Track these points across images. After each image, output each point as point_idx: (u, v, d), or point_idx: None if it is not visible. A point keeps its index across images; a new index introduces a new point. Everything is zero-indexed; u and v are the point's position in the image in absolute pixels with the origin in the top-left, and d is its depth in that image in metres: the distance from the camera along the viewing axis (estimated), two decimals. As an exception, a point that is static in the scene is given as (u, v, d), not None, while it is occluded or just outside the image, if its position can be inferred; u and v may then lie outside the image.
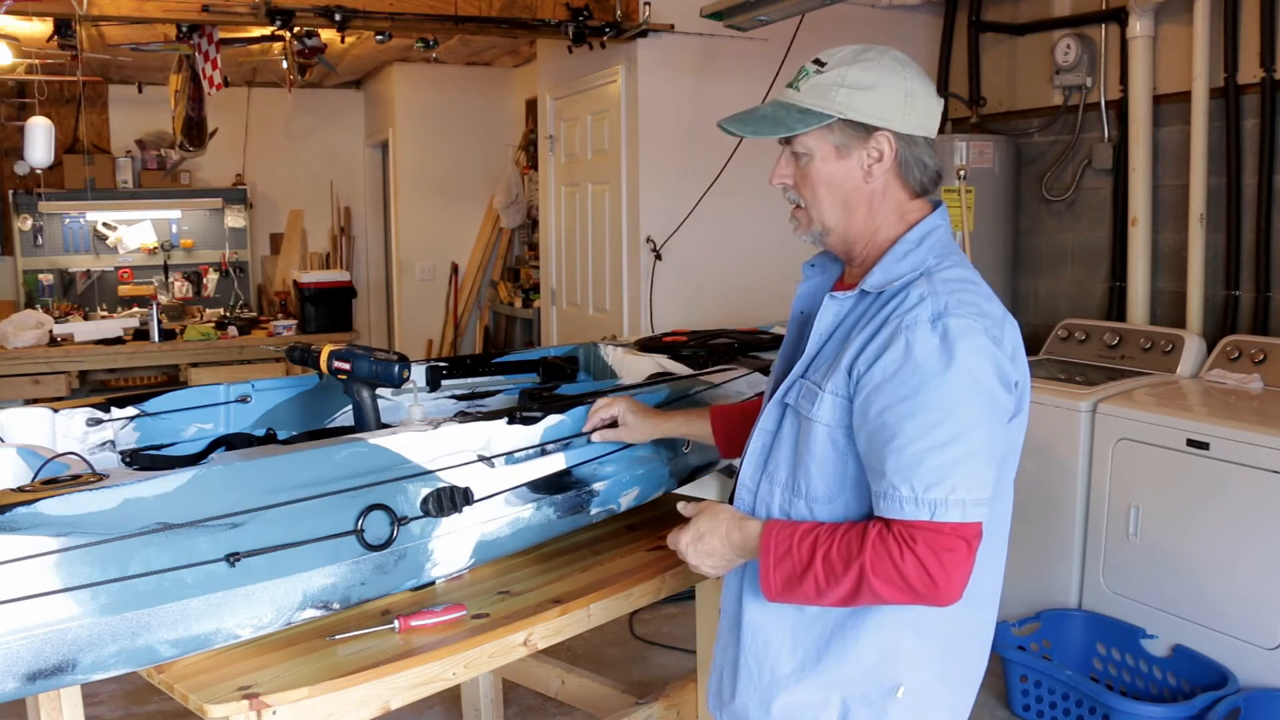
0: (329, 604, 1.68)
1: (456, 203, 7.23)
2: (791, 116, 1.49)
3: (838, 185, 1.51)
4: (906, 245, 1.50)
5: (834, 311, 1.52)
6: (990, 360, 1.39)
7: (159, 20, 3.98)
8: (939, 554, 1.36)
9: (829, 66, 1.49)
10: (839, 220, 1.53)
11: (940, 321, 1.38)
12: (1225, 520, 2.96)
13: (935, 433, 1.36)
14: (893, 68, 1.49)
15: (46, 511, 1.41)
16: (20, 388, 5.35)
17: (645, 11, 4.20)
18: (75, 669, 1.44)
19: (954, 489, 1.36)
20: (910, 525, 1.37)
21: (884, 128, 1.48)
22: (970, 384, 1.37)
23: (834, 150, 1.50)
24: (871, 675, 1.49)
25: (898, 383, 1.38)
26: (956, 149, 4.42)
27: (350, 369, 2.10)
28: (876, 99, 1.47)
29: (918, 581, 1.36)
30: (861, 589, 1.39)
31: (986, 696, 3.31)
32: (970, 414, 1.37)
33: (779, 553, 1.45)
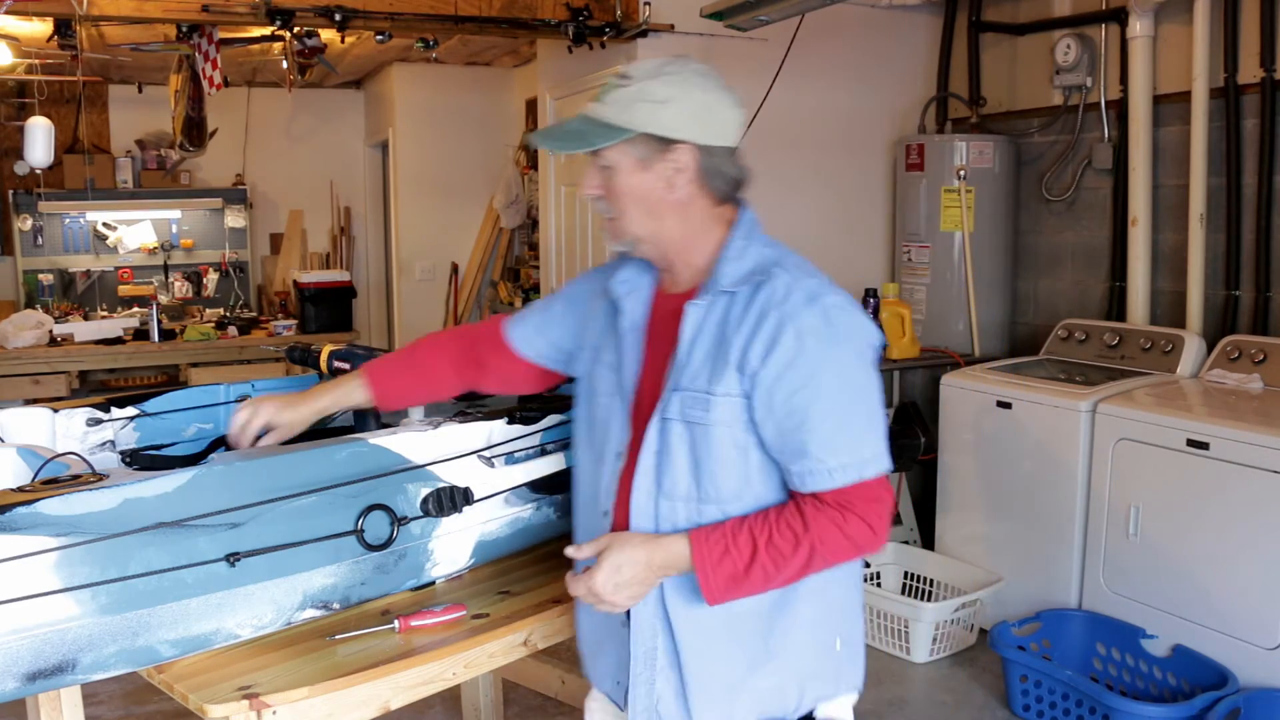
0: (329, 604, 1.68)
1: (456, 203, 7.23)
2: (595, 131, 1.54)
3: (642, 197, 1.56)
4: (739, 242, 1.58)
5: (695, 318, 1.55)
6: (864, 326, 1.53)
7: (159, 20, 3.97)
8: (872, 507, 1.48)
9: (631, 80, 1.53)
10: (649, 230, 1.58)
11: (816, 303, 1.49)
12: (1225, 520, 2.96)
13: (842, 405, 1.48)
14: (692, 81, 1.53)
15: (46, 511, 1.41)
16: (20, 388, 5.35)
17: (645, 11, 4.20)
18: (75, 669, 1.44)
19: (868, 446, 1.49)
20: (842, 492, 1.47)
21: (683, 140, 1.53)
22: (857, 353, 1.50)
23: (637, 163, 1.54)
24: (814, 641, 1.59)
25: (796, 370, 1.47)
26: (956, 149, 4.42)
27: (350, 369, 2.10)
28: (675, 112, 1.51)
29: (862, 538, 1.49)
30: (811, 562, 1.49)
31: (986, 697, 3.32)
32: (863, 378, 1.51)
33: (716, 555, 1.48)
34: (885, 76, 4.82)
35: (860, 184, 4.84)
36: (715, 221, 1.60)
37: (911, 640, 3.52)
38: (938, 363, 4.28)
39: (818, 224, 4.68)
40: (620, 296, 1.67)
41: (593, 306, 1.76)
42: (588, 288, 1.81)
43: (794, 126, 4.55)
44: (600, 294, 1.74)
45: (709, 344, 1.52)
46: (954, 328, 4.50)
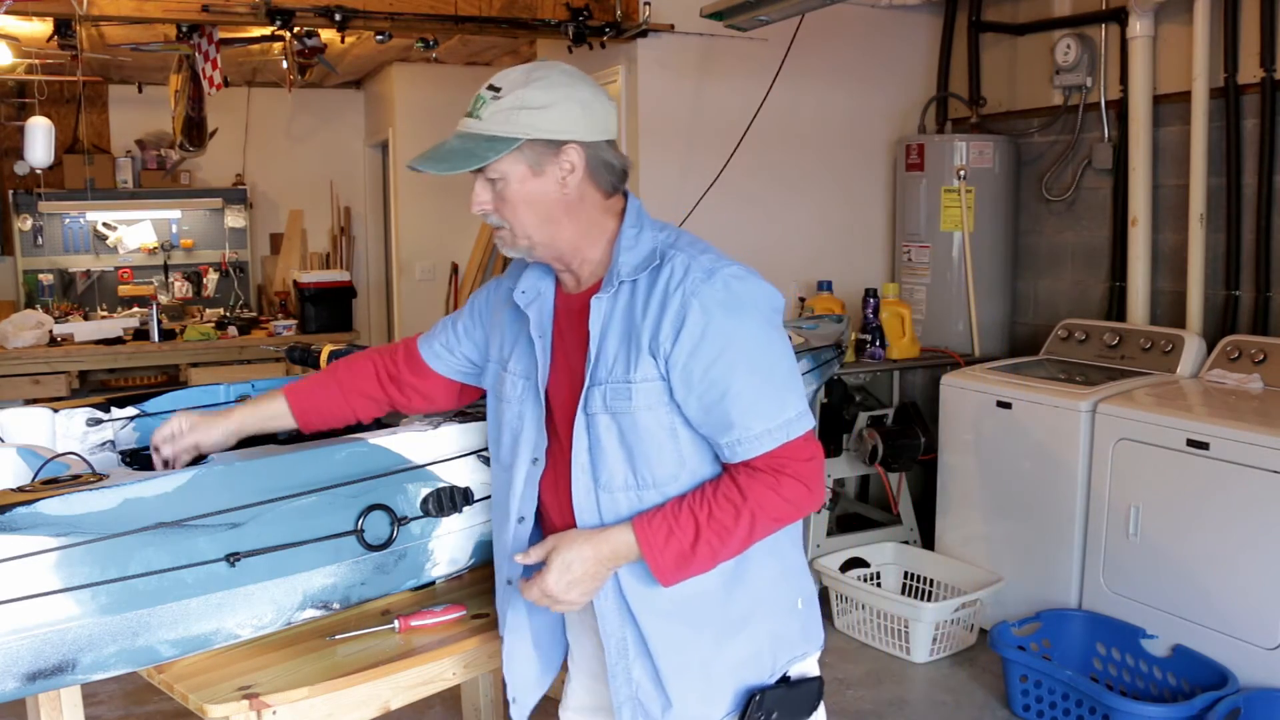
0: (329, 604, 1.68)
1: (456, 203, 7.21)
2: (481, 146, 1.53)
3: (537, 202, 1.57)
4: (631, 230, 1.61)
5: (601, 311, 1.58)
6: (766, 292, 1.56)
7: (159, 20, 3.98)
8: (805, 465, 1.52)
9: (504, 91, 1.54)
10: (545, 234, 1.59)
11: (716, 276, 1.52)
12: (1225, 520, 2.96)
13: (759, 371, 1.52)
14: (565, 82, 1.56)
15: (46, 511, 1.41)
16: (20, 388, 5.35)
17: (645, 11, 4.20)
18: (75, 669, 1.44)
19: (790, 407, 1.52)
20: (773, 456, 1.51)
21: (570, 140, 1.55)
22: (764, 317, 1.54)
23: (528, 170, 1.55)
24: (776, 603, 1.64)
25: (708, 343, 1.50)
26: (956, 149, 4.42)
27: (350, 369, 2.10)
28: (558, 115, 1.54)
29: (799, 498, 1.53)
30: (754, 530, 1.52)
31: (986, 697, 3.32)
32: (774, 342, 1.55)
33: (661, 538, 1.51)
34: (885, 76, 4.82)
35: (860, 184, 4.84)
36: (606, 215, 1.62)
37: (911, 640, 3.52)
38: (938, 363, 4.28)
39: (818, 224, 4.68)
40: (524, 305, 1.69)
41: (496, 317, 1.78)
42: (490, 298, 1.83)
43: (794, 126, 4.55)
44: (504, 304, 1.75)
45: (619, 334, 1.55)
46: (954, 328, 4.50)
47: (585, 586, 1.54)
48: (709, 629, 1.59)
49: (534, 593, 1.55)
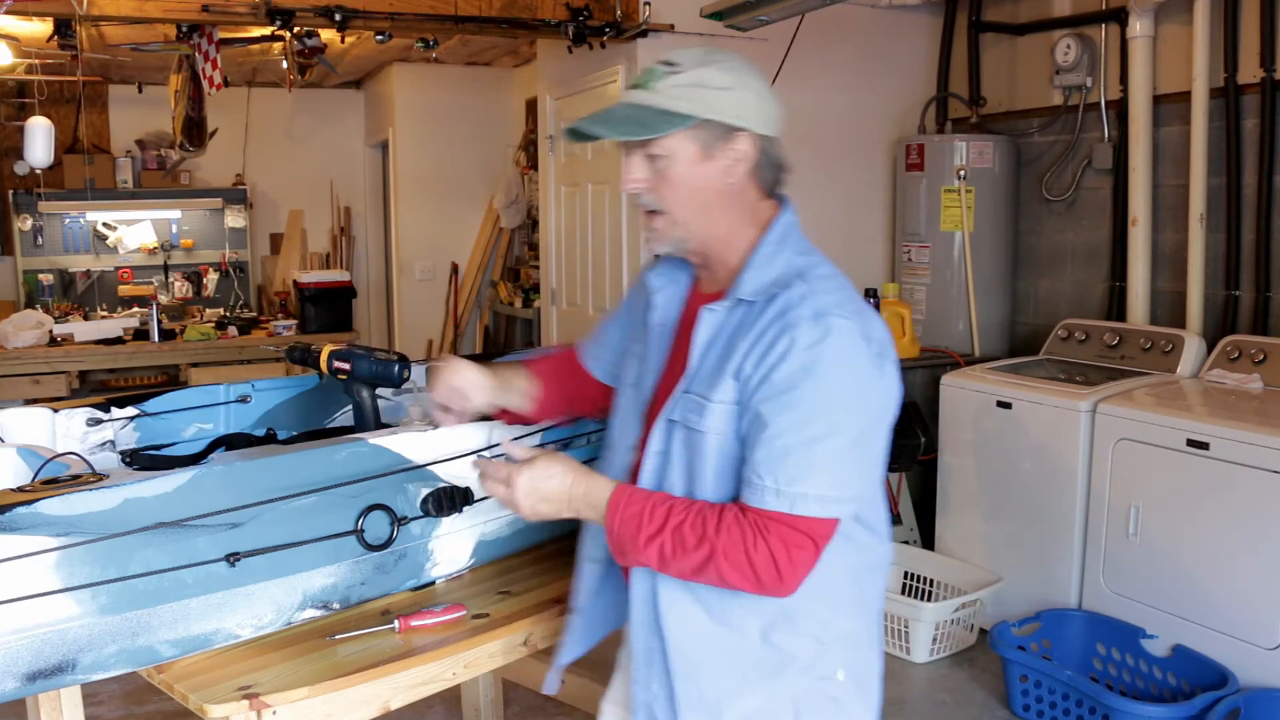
0: (329, 604, 1.68)
1: (456, 203, 7.23)
2: (654, 117, 1.46)
3: (700, 188, 1.50)
4: (769, 247, 1.52)
5: (711, 324, 1.52)
6: (866, 359, 1.42)
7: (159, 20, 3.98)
8: (789, 549, 1.39)
9: (683, 68, 1.48)
10: (698, 223, 1.52)
11: (823, 320, 1.41)
12: (1225, 520, 2.96)
13: (806, 429, 1.39)
14: (744, 69, 1.50)
15: (46, 511, 1.41)
16: (20, 388, 5.35)
17: (645, 11, 4.20)
18: (75, 669, 1.44)
19: (816, 485, 1.39)
20: (767, 515, 1.40)
21: (745, 128, 1.49)
22: (847, 382, 1.41)
23: (698, 151, 1.48)
24: (813, 668, 1.51)
25: (778, 377, 1.40)
26: (956, 149, 4.42)
27: (350, 369, 2.10)
28: (736, 100, 1.47)
29: (764, 572, 1.40)
30: (707, 568, 1.42)
31: (986, 697, 3.32)
32: (844, 412, 1.40)
33: (628, 513, 1.46)
34: (885, 76, 4.82)
35: (860, 184, 4.84)
36: (755, 218, 1.54)
37: (911, 640, 3.52)
38: (938, 363, 4.28)
39: (818, 224, 4.65)
40: (654, 291, 1.66)
41: (635, 305, 1.76)
42: (634, 290, 1.80)
43: (794, 127, 4.49)
44: (642, 292, 1.72)
45: (719, 351, 1.49)
46: (954, 328, 4.50)
47: (544, 506, 1.52)
48: (733, 670, 1.51)
49: (500, 473, 1.54)
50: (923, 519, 4.25)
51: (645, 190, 1.52)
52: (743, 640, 1.50)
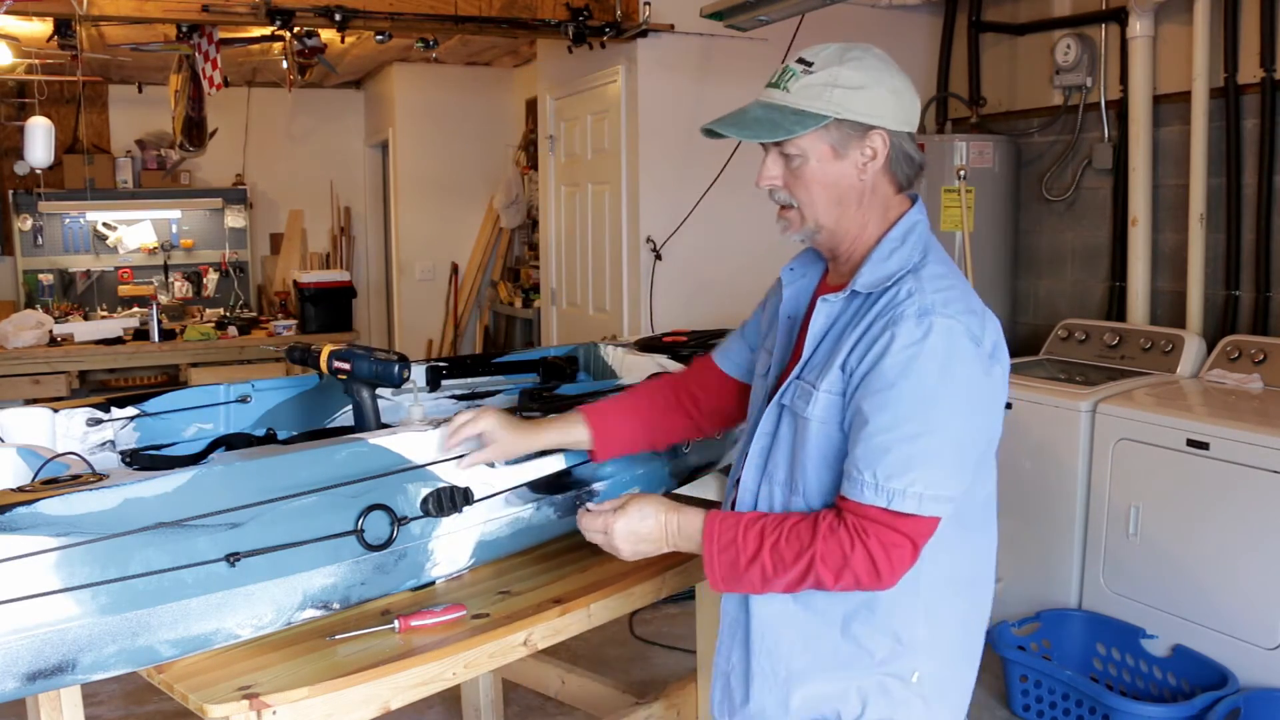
0: (329, 604, 1.68)
1: (456, 203, 7.23)
2: (787, 118, 1.50)
3: (833, 185, 1.52)
4: (891, 243, 1.53)
5: (826, 314, 1.55)
6: (971, 359, 1.44)
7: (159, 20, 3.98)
8: (887, 548, 1.42)
9: (817, 67, 1.50)
10: (832, 219, 1.55)
11: (926, 318, 1.42)
12: (1225, 520, 2.96)
13: (905, 425, 1.40)
14: (879, 66, 1.51)
15: (46, 511, 1.41)
16: (20, 388, 5.35)
17: (645, 11, 4.20)
18: (75, 669, 1.44)
19: (914, 481, 1.40)
20: (864, 514, 1.42)
21: (879, 126, 1.50)
22: (948, 382, 1.41)
23: (830, 150, 1.51)
24: (886, 664, 1.52)
25: (879, 373, 1.42)
26: (956, 149, 4.41)
27: (350, 369, 2.10)
28: (869, 98, 1.49)
29: (863, 572, 1.42)
30: (807, 577, 1.45)
31: (986, 697, 3.32)
32: (944, 411, 1.42)
33: (724, 541, 1.49)
34: (885, 76, 4.82)
35: (860, 184, 4.83)
36: (884, 214, 1.56)
37: (911, 640, 3.52)
38: (938, 363, 4.28)
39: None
40: (785, 284, 1.69)
41: (771, 303, 1.78)
42: (771, 290, 1.82)
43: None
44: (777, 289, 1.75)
45: (831, 342, 1.52)
46: (954, 328, 4.49)
47: (642, 546, 1.57)
48: (808, 653, 1.54)
49: (597, 522, 1.58)
50: (923, 519, 4.24)
51: (780, 187, 1.55)
52: (823, 625, 1.53)
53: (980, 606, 1.63)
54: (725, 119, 1.55)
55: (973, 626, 1.62)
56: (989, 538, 1.63)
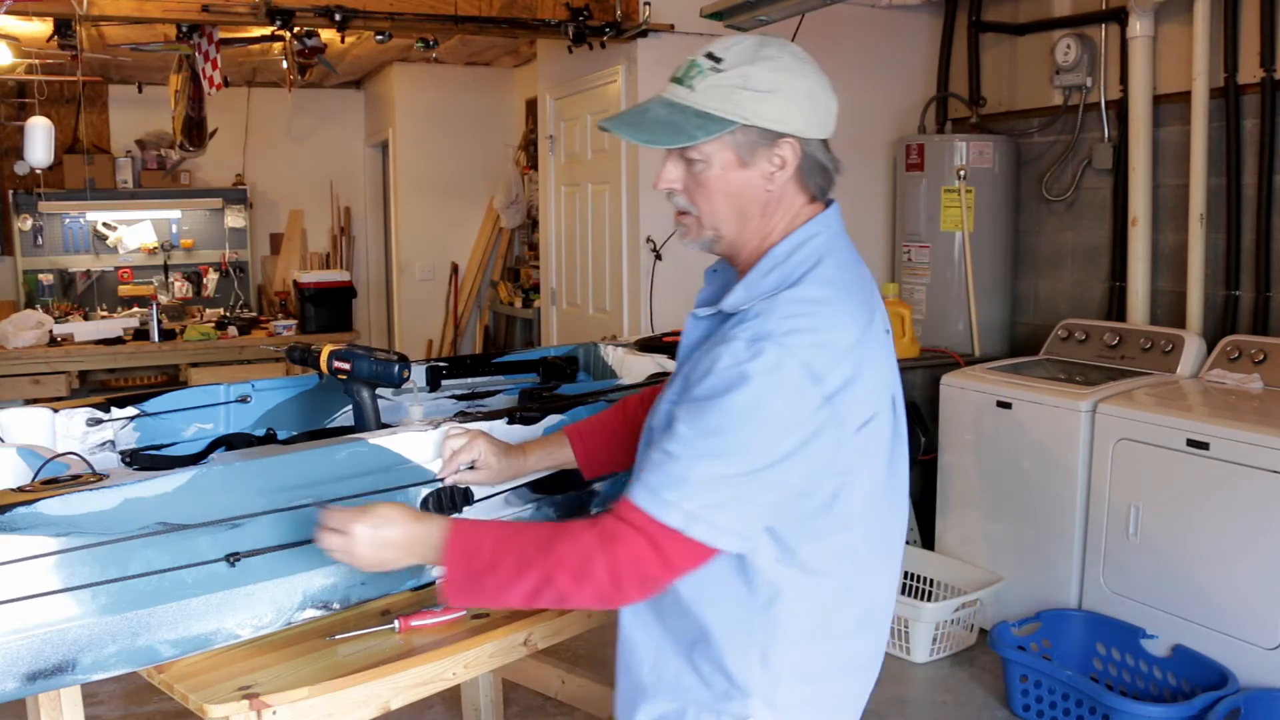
0: (329, 604, 1.68)
1: (456, 203, 7.23)
2: (690, 121, 1.38)
3: (736, 194, 1.41)
4: (774, 259, 1.41)
5: (694, 331, 1.48)
6: (796, 394, 1.29)
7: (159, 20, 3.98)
8: (636, 560, 1.31)
9: (727, 64, 1.37)
10: (734, 229, 1.44)
11: (759, 343, 1.30)
12: (1225, 520, 2.96)
13: (703, 443, 1.29)
14: (795, 67, 1.39)
15: (46, 511, 1.41)
16: (20, 388, 5.35)
17: (645, 11, 4.21)
18: (75, 669, 1.44)
19: (689, 497, 1.29)
20: (628, 517, 1.32)
21: (789, 134, 1.39)
22: (760, 410, 1.28)
23: (735, 158, 1.39)
24: (721, 702, 1.42)
25: (700, 386, 1.32)
26: (956, 149, 4.42)
27: (350, 369, 2.10)
28: (782, 103, 1.37)
29: (605, 579, 1.32)
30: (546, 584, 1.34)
31: (986, 696, 3.32)
32: (746, 440, 1.29)
33: (465, 549, 1.39)
34: (885, 76, 4.82)
35: (860, 184, 4.84)
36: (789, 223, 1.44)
37: (911, 640, 3.52)
38: (938, 363, 4.28)
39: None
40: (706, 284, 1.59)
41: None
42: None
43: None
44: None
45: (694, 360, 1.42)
46: (954, 328, 4.50)
47: (385, 554, 1.45)
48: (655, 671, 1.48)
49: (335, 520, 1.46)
50: (923, 519, 4.25)
51: (679, 191, 1.45)
52: (673, 646, 1.46)
53: (843, 659, 1.47)
54: (623, 117, 1.43)
55: (828, 683, 1.46)
56: (850, 591, 1.44)
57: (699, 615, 1.42)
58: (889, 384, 1.42)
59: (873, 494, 1.40)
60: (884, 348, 1.43)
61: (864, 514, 1.40)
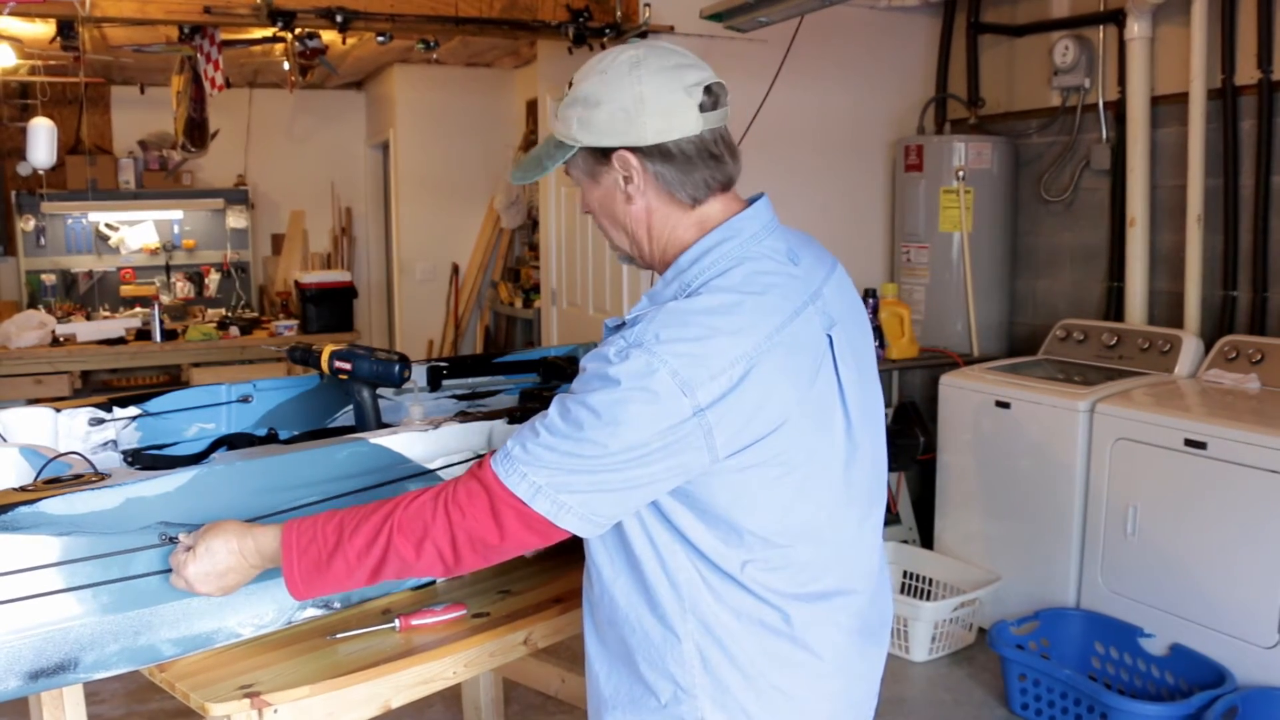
0: (330, 603, 1.70)
1: (457, 203, 7.24)
2: (550, 151, 1.40)
3: (609, 211, 1.42)
4: (676, 269, 1.37)
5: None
6: (659, 402, 1.23)
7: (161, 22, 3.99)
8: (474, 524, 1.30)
9: (573, 84, 1.37)
10: (626, 243, 1.44)
11: (630, 350, 1.25)
12: (1223, 519, 2.97)
13: (566, 431, 1.26)
14: (620, 73, 1.33)
15: (49, 511, 1.42)
16: (23, 388, 5.37)
17: (645, 13, 4.21)
18: (77, 668, 1.45)
19: (540, 473, 1.27)
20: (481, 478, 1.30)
21: (619, 146, 1.34)
22: (624, 415, 1.24)
23: (589, 179, 1.40)
24: (671, 709, 1.40)
25: (575, 382, 1.31)
26: (955, 150, 4.42)
27: (351, 369, 2.11)
28: (606, 116, 1.33)
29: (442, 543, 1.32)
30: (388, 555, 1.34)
31: (985, 695, 3.33)
32: (607, 439, 1.25)
33: (303, 543, 1.39)
34: (884, 77, 4.83)
35: (859, 185, 4.85)
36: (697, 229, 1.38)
37: (910, 639, 3.53)
38: (937, 363, 4.29)
39: (817, 224, 4.66)
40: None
41: None
42: None
43: (793, 127, 4.56)
44: None
45: None
46: (953, 328, 4.51)
47: (227, 580, 1.47)
48: (610, 684, 1.48)
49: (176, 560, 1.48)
50: (922, 518, 4.26)
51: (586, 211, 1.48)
52: (619, 659, 1.46)
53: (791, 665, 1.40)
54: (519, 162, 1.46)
55: (781, 687, 1.40)
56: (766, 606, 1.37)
57: (636, 623, 1.40)
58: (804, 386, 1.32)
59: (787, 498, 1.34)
60: (809, 351, 1.33)
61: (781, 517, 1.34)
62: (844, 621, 1.44)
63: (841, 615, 1.44)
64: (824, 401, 1.35)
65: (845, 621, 1.44)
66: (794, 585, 1.37)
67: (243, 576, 1.49)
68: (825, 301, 1.39)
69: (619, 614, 1.42)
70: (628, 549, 1.39)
